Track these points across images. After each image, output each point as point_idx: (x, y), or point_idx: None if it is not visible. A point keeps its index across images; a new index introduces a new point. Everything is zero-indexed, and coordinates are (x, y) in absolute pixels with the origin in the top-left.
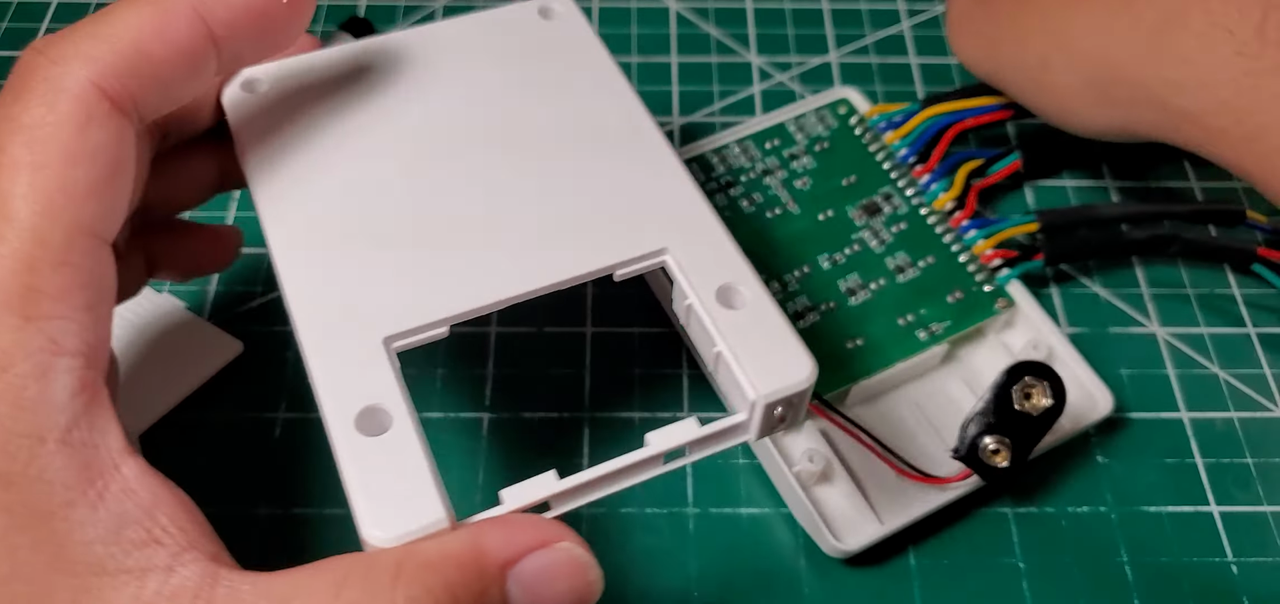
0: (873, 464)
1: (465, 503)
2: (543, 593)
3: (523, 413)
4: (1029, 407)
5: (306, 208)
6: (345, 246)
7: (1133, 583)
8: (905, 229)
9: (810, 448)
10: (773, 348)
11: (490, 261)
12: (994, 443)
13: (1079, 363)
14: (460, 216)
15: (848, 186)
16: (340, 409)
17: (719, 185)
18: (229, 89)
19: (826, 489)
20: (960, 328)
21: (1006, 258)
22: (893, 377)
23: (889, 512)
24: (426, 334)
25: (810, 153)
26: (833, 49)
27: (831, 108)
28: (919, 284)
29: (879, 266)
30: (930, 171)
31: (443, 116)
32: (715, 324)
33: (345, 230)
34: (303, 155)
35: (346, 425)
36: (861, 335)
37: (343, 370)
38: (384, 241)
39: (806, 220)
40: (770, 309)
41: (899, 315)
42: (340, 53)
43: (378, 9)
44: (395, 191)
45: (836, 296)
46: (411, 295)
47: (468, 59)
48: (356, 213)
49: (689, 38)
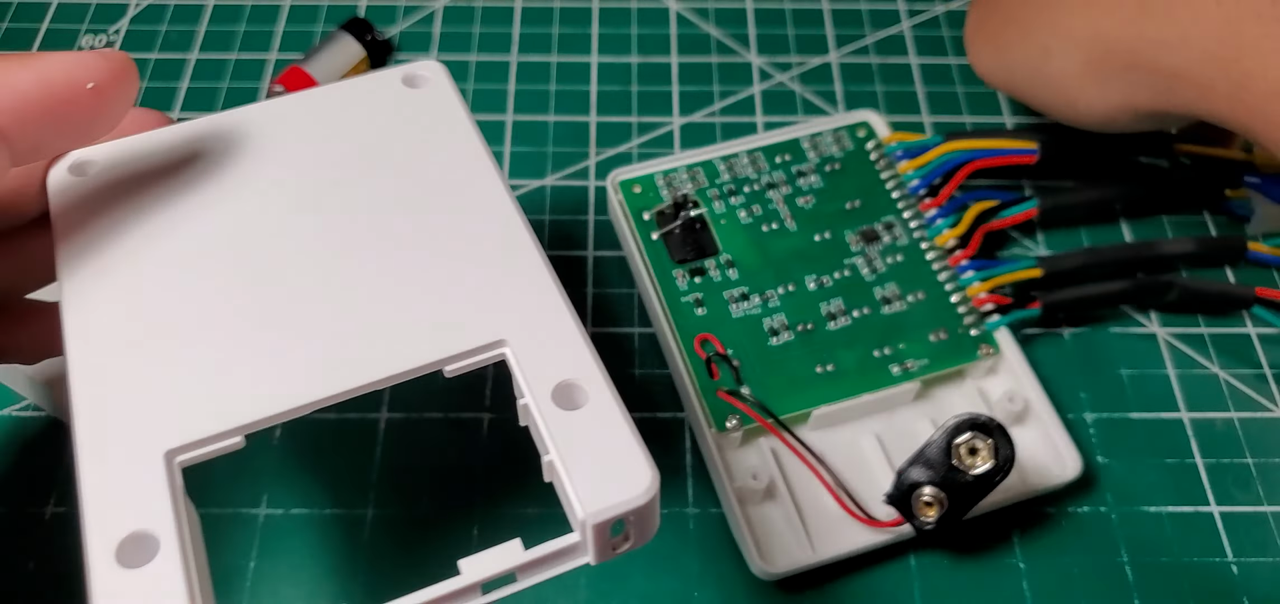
0: (818, 491)
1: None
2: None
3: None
4: (967, 465)
5: (110, 304)
6: (142, 347)
7: (1133, 583)
8: (901, 261)
9: (756, 466)
10: (611, 456)
11: (300, 359)
12: (929, 495)
13: (1054, 421)
14: (274, 311)
15: (851, 210)
16: (101, 539)
17: (720, 193)
18: (55, 170)
19: (766, 509)
20: (936, 368)
21: (1000, 304)
22: (858, 406)
23: (824, 542)
24: (216, 445)
25: (819, 172)
26: (833, 49)
27: (850, 129)
28: (903, 318)
29: (866, 295)
30: (939, 206)
31: (278, 200)
32: (548, 428)
33: (146, 329)
34: (119, 244)
35: (106, 558)
36: (833, 361)
37: (110, 491)
38: (184, 341)
39: (802, 239)
40: (613, 410)
41: (876, 347)
42: (185, 130)
43: (378, 9)
44: (210, 285)
45: (816, 318)
46: (204, 401)
47: (319, 134)
48: (161, 309)
49: (689, 38)
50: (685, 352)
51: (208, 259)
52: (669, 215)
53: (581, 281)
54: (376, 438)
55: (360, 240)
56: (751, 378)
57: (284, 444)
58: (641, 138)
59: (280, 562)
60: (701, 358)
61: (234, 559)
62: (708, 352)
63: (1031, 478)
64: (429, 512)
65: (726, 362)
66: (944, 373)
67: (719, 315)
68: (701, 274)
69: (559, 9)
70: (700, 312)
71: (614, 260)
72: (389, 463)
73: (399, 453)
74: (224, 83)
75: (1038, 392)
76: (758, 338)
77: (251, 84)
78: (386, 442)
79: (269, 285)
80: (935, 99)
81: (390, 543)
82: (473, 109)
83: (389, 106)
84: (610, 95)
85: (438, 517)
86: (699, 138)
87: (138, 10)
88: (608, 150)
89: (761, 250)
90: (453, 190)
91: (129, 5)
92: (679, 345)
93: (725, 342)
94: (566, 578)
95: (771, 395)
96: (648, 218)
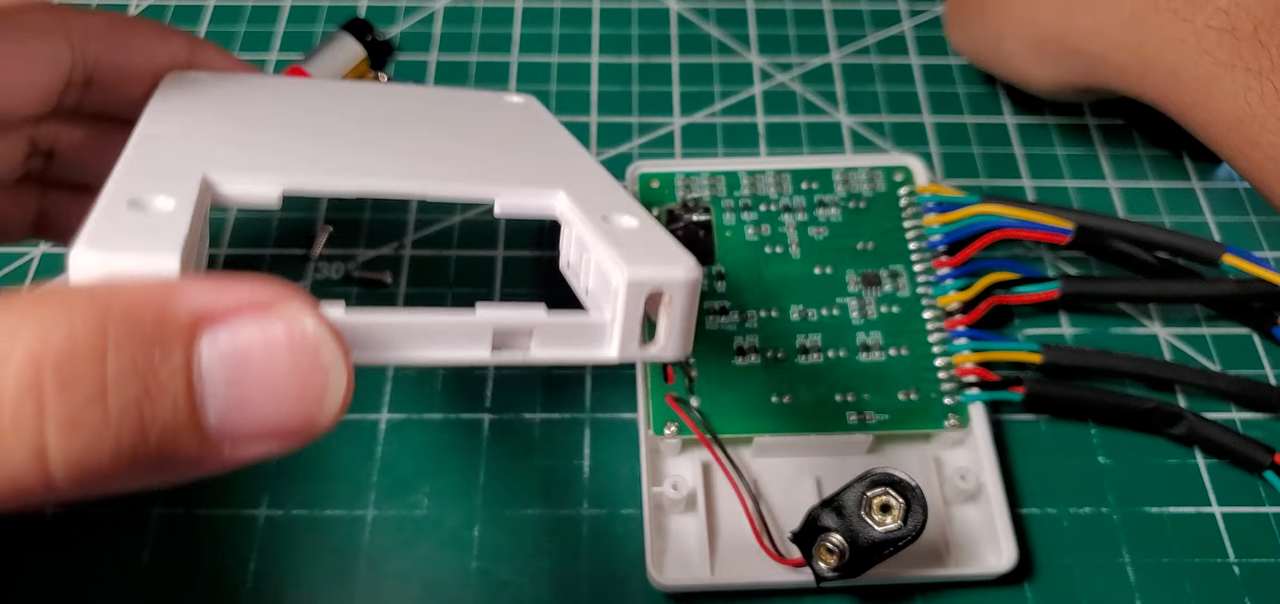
0: (739, 517)
1: (464, 504)
2: (249, 371)
3: (523, 414)
4: (875, 521)
5: (187, 117)
6: (202, 126)
7: (1135, 584)
8: (895, 312)
9: (681, 476)
10: (656, 250)
11: (353, 161)
12: (833, 543)
13: (1002, 509)
14: (345, 136)
15: (861, 251)
16: (119, 187)
17: (735, 205)
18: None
19: (682, 521)
20: (895, 428)
21: (985, 379)
22: (805, 443)
23: (725, 567)
24: (255, 189)
25: (841, 206)
26: (834, 49)
27: (887, 171)
28: (877, 369)
29: (847, 337)
30: (954, 266)
31: (370, 106)
32: (597, 233)
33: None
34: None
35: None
36: (792, 393)
37: (143, 167)
38: (243, 130)
39: (800, 268)
40: (657, 227)
41: (840, 391)
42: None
43: (377, 10)
44: (288, 123)
45: (789, 348)
46: (250, 156)
47: (416, 94)
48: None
49: (690, 38)
50: None
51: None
52: (676, 216)
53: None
54: (376, 438)
55: (434, 130)
56: (705, 391)
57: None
58: (642, 138)
59: (280, 562)
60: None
61: (234, 560)
62: None
63: (962, 560)
64: (429, 512)
65: (684, 369)
66: (904, 432)
67: None
68: None
69: (559, 9)
70: None
71: None
72: (389, 463)
73: (399, 453)
74: None
75: (994, 476)
76: (723, 354)
77: None
78: (386, 442)
79: (345, 127)
80: (936, 99)
81: (390, 543)
82: None
83: (487, 99)
84: (611, 96)
85: (437, 517)
86: (700, 138)
87: (138, 12)
88: (608, 150)
89: (756, 271)
90: (533, 134)
91: (129, 7)
92: None
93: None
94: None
95: (720, 412)
96: (656, 214)
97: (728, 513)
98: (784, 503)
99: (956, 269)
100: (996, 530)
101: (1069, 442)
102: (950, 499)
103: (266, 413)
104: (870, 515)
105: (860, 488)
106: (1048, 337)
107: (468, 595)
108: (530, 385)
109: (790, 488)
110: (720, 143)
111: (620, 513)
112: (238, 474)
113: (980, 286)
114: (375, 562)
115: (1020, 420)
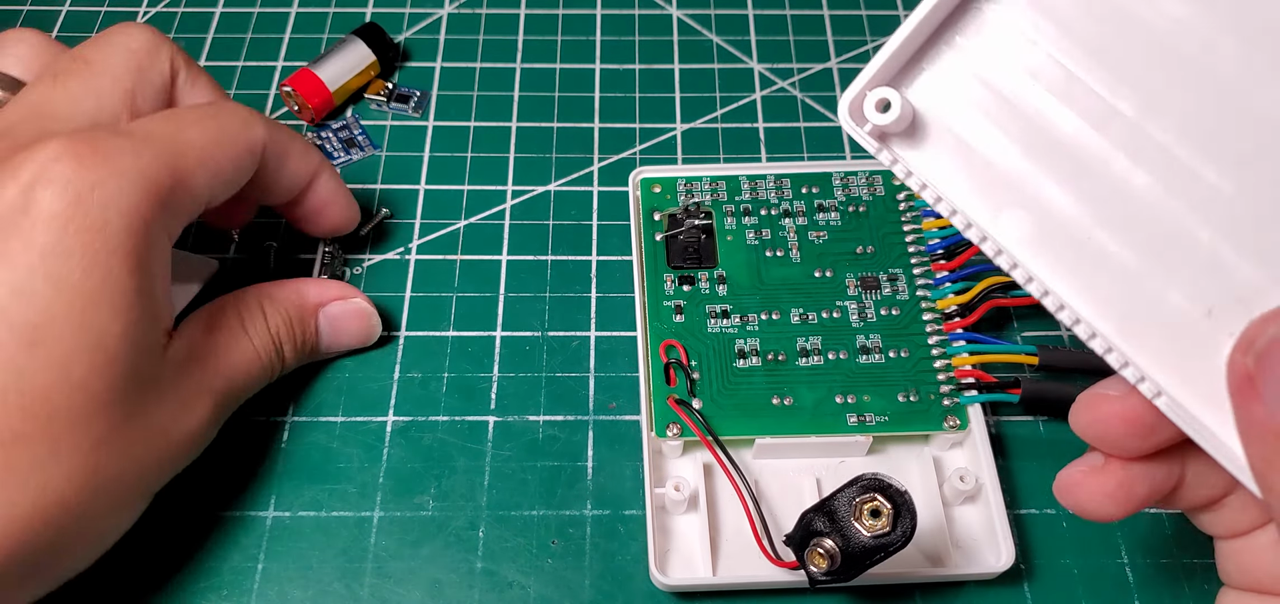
0: (739, 517)
1: (469, 505)
2: (341, 327)
3: (527, 416)
4: (861, 525)
5: None
6: None
7: (1134, 584)
8: (895, 315)
9: (683, 477)
10: None
11: None
12: (825, 547)
13: (1000, 509)
14: None
15: (860, 255)
16: None
17: (736, 210)
18: None
19: (684, 521)
20: (894, 429)
21: (983, 381)
22: (806, 445)
23: (727, 566)
24: None
25: (841, 210)
26: (833, 56)
27: (887, 175)
28: (877, 371)
29: (847, 340)
30: (951, 270)
31: None
32: None
33: None
34: None
35: None
36: (793, 395)
37: None
38: None
39: (801, 272)
40: None
41: (840, 392)
42: None
43: (384, 17)
44: None
45: (789, 350)
46: None
47: None
48: None
49: (691, 45)
50: (650, 353)
51: None
52: (677, 220)
53: (586, 285)
54: (383, 440)
55: None
56: (707, 393)
57: (291, 447)
58: (644, 144)
59: (287, 562)
60: (663, 362)
61: (242, 560)
62: (671, 357)
63: (961, 560)
64: (434, 513)
65: (686, 371)
66: (904, 434)
67: (695, 326)
68: (691, 283)
69: (562, 16)
70: (678, 319)
71: (620, 265)
72: (395, 465)
73: (405, 455)
74: (231, 90)
75: (992, 477)
76: (725, 357)
77: (260, 91)
78: (392, 444)
79: None
80: None
81: (396, 544)
82: (475, 116)
83: None
84: (613, 102)
85: (443, 518)
86: (701, 144)
87: (147, 18)
88: (611, 156)
89: (757, 274)
90: None
91: (138, 13)
92: (646, 346)
93: (694, 353)
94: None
95: (722, 414)
96: (658, 218)
97: (729, 514)
98: (782, 506)
99: (955, 272)
100: (995, 530)
101: (1067, 442)
102: (949, 499)
103: (346, 341)
104: (860, 521)
105: (850, 493)
106: (1044, 338)
107: (473, 595)
108: (534, 388)
109: (789, 490)
110: (721, 148)
111: (623, 514)
112: (245, 477)
113: (978, 290)
114: (381, 562)
115: (1019, 421)
